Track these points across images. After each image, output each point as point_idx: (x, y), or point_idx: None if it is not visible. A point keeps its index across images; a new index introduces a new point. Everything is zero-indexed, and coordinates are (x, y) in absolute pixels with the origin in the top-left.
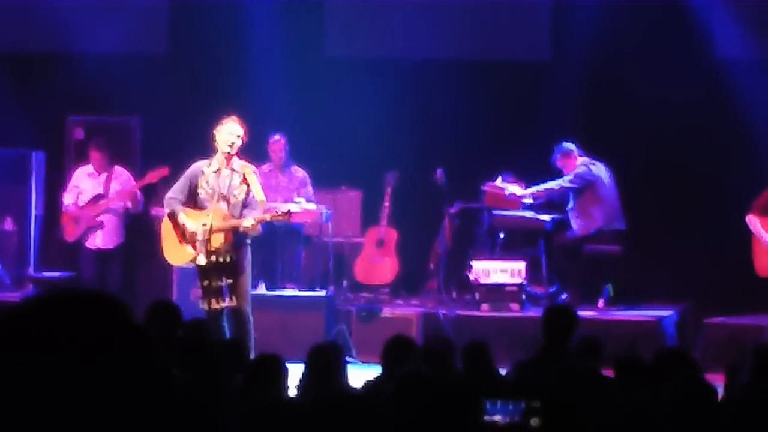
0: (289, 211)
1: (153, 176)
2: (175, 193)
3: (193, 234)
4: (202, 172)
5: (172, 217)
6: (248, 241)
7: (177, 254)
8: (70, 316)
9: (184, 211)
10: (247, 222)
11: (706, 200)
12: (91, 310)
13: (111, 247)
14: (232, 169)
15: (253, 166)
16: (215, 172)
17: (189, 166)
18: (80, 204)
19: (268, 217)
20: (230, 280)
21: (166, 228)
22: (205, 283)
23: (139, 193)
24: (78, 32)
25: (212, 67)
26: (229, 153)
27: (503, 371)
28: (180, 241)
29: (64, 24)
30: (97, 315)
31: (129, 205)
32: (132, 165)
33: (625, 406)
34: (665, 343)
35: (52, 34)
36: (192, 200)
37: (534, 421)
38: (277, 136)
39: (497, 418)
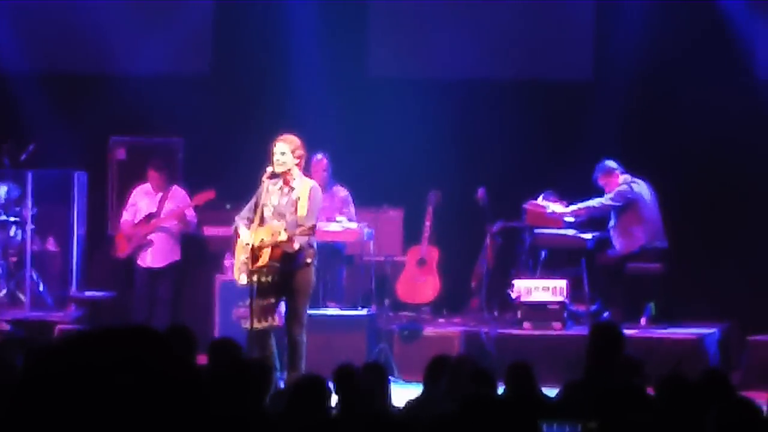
0: (313, 225)
1: (199, 199)
2: (244, 211)
3: (246, 244)
4: (267, 190)
5: (235, 231)
6: (309, 261)
7: (237, 272)
8: (116, 349)
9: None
10: (282, 236)
11: (749, 218)
12: (135, 344)
13: (161, 265)
14: (291, 187)
15: (314, 184)
16: (279, 189)
17: (237, 186)
18: (136, 221)
19: (297, 231)
20: (285, 301)
21: (237, 246)
22: (251, 302)
23: (190, 213)
24: (122, 53)
25: (255, 88)
26: (272, 171)
27: (546, 390)
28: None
29: (107, 45)
30: (141, 349)
31: (180, 225)
32: (181, 186)
33: (670, 426)
34: (708, 361)
35: (95, 56)
36: (261, 218)
37: None
38: (319, 156)
39: None
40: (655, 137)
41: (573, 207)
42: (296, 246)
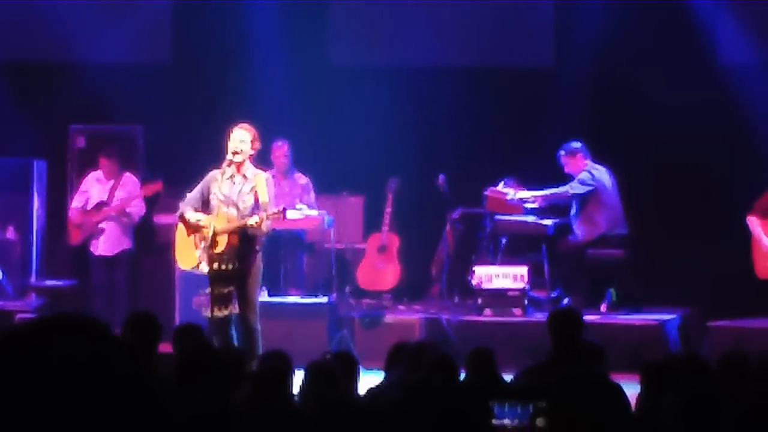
0: (284, 208)
1: (147, 190)
2: (189, 199)
3: (199, 223)
4: (216, 180)
5: (182, 218)
6: (258, 248)
7: (186, 259)
8: (57, 336)
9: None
10: (252, 220)
11: (710, 204)
12: (75, 330)
13: (112, 253)
14: (245, 176)
15: (267, 174)
16: (229, 179)
17: (200, 175)
18: (87, 209)
19: (264, 215)
20: (235, 288)
21: (179, 233)
22: (211, 290)
23: (136, 204)
24: (81, 42)
25: (215, 76)
26: (232, 160)
27: (507, 376)
28: (190, 244)
29: (67, 33)
30: (80, 335)
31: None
32: (135, 174)
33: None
34: (669, 347)
35: (55, 44)
36: (206, 207)
37: (540, 421)
38: (279, 142)
39: (506, 421)
40: (616, 124)
41: (541, 192)
42: (265, 229)
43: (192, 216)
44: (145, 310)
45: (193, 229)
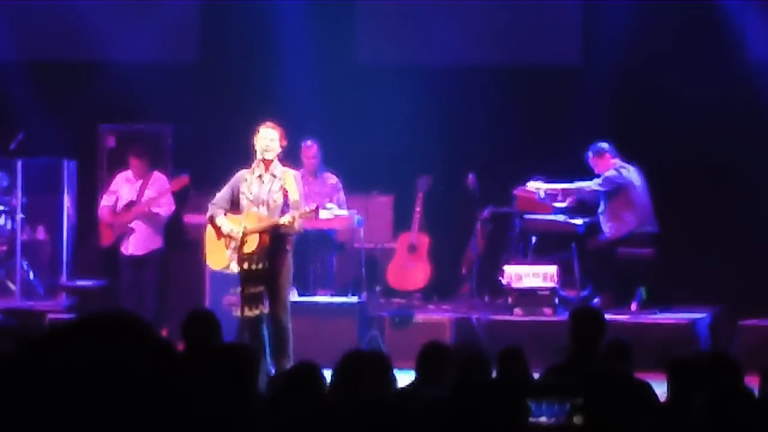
0: (316, 207)
1: (174, 185)
2: (218, 200)
3: (230, 233)
4: (245, 179)
5: (212, 221)
6: (288, 247)
7: (217, 259)
8: (98, 336)
9: (225, 215)
10: (285, 219)
11: (739, 202)
12: (118, 330)
13: (142, 253)
14: (273, 175)
15: (295, 171)
16: (258, 178)
17: (228, 173)
18: (117, 209)
19: (297, 214)
20: (266, 288)
21: (209, 233)
22: (242, 289)
23: (165, 201)
24: (110, 41)
25: (243, 75)
26: (263, 158)
27: (537, 376)
28: (220, 244)
29: (96, 33)
30: (122, 335)
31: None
32: (164, 173)
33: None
34: (699, 345)
35: (84, 43)
36: (236, 207)
37: (577, 419)
38: (309, 142)
39: (542, 419)
40: (643, 122)
41: (563, 185)
42: (297, 227)
43: (220, 222)
44: (205, 309)
45: (223, 234)
